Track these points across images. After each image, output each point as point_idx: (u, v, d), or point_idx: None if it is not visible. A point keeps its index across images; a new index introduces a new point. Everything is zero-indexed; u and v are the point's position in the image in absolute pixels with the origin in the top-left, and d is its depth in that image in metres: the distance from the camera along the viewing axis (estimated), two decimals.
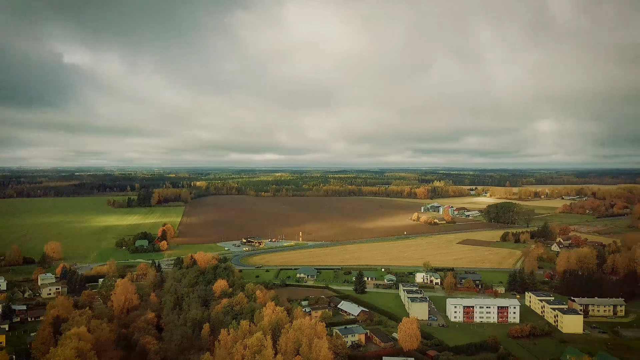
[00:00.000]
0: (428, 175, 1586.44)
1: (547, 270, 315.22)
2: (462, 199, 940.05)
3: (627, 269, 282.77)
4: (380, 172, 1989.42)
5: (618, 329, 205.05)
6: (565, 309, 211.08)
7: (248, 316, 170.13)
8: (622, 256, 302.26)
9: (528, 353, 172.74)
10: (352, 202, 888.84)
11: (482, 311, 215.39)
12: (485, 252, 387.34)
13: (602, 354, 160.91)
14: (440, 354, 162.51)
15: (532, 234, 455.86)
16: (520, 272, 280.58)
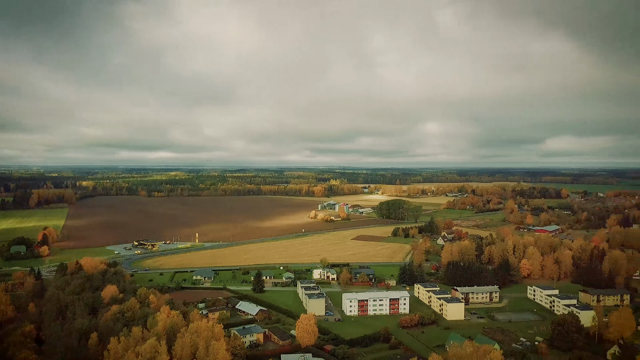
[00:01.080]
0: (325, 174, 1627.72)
1: (434, 262, 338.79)
2: (356, 197, 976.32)
3: (501, 258, 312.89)
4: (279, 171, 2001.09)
5: (493, 313, 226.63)
6: (449, 298, 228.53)
7: (141, 322, 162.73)
8: (496, 247, 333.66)
9: (417, 341, 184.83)
10: (251, 201, 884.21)
11: (376, 304, 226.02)
12: (378, 247, 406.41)
13: (479, 337, 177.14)
14: (337, 348, 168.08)
15: (420, 229, 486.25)
16: (410, 265, 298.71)
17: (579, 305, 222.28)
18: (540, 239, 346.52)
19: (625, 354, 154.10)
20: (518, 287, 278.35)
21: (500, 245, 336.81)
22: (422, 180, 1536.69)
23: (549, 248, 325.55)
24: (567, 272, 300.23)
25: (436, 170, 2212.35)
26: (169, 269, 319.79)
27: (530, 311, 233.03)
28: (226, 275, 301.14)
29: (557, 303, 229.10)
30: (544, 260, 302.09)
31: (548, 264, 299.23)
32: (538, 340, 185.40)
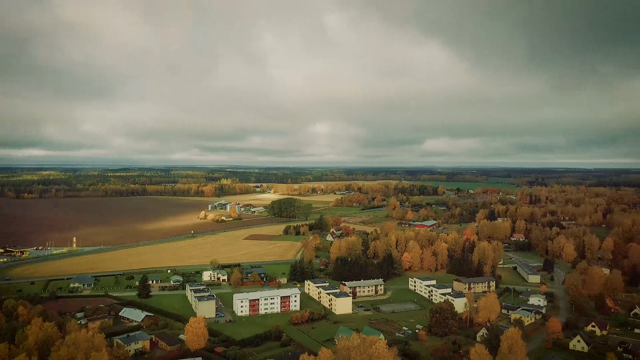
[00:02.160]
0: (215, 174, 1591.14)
1: (323, 258, 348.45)
2: (248, 196, 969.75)
3: (385, 252, 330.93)
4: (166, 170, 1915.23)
5: (379, 305, 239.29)
6: (337, 293, 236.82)
7: (7, 337, 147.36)
8: (381, 242, 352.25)
9: (308, 337, 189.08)
10: (136, 202, 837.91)
11: (267, 303, 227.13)
12: (270, 246, 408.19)
13: (366, 328, 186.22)
14: (227, 349, 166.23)
15: (310, 227, 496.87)
16: (301, 262, 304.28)
17: (453, 293, 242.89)
18: (419, 233, 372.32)
19: (491, 335, 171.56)
20: (401, 279, 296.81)
21: (385, 240, 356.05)
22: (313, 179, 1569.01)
23: (427, 241, 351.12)
24: (444, 263, 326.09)
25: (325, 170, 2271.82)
26: (42, 277, 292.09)
27: (412, 301, 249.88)
28: (109, 281, 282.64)
29: (435, 292, 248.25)
30: (423, 253, 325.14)
31: (427, 256, 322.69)
32: (418, 328, 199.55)
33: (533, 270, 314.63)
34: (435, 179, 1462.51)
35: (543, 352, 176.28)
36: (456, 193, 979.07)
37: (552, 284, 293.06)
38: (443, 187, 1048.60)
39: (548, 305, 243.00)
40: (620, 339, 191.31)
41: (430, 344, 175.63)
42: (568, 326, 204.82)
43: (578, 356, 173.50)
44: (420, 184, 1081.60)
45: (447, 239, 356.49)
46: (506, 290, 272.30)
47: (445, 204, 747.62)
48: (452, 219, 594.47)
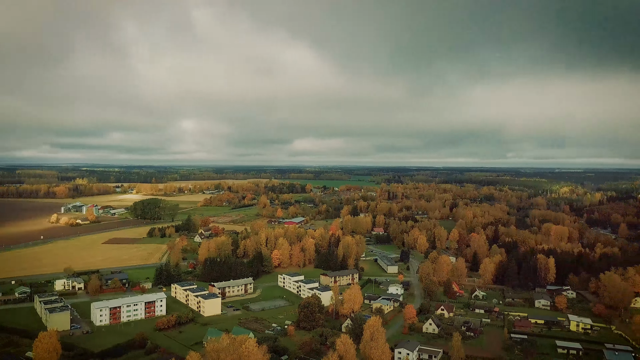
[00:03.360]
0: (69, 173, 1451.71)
1: (191, 260, 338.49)
2: (108, 197, 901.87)
3: (255, 251, 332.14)
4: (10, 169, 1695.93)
5: (248, 304, 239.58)
6: (206, 294, 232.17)
7: None
8: (251, 240, 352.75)
9: (175, 342, 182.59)
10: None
11: (130, 309, 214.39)
12: (133, 250, 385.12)
13: (236, 328, 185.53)
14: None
15: (177, 228, 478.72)
16: (167, 265, 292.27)
17: (320, 287, 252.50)
18: (289, 230, 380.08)
19: (355, 325, 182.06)
20: (270, 277, 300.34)
21: (255, 238, 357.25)
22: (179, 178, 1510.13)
23: (296, 238, 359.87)
24: (311, 258, 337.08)
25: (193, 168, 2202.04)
26: None
27: (281, 298, 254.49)
28: None
29: (303, 287, 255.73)
30: (292, 250, 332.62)
31: (295, 252, 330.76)
32: (287, 323, 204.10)
33: (391, 262, 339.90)
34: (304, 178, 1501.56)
35: (400, 336, 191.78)
36: (323, 190, 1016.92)
37: (408, 274, 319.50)
38: (311, 185, 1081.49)
39: (405, 293, 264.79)
40: (465, 319, 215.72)
41: (299, 338, 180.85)
42: (422, 311, 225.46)
43: (430, 337, 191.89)
44: (289, 182, 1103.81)
45: (314, 235, 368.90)
46: (368, 282, 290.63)
47: (312, 201, 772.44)
48: (319, 215, 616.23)
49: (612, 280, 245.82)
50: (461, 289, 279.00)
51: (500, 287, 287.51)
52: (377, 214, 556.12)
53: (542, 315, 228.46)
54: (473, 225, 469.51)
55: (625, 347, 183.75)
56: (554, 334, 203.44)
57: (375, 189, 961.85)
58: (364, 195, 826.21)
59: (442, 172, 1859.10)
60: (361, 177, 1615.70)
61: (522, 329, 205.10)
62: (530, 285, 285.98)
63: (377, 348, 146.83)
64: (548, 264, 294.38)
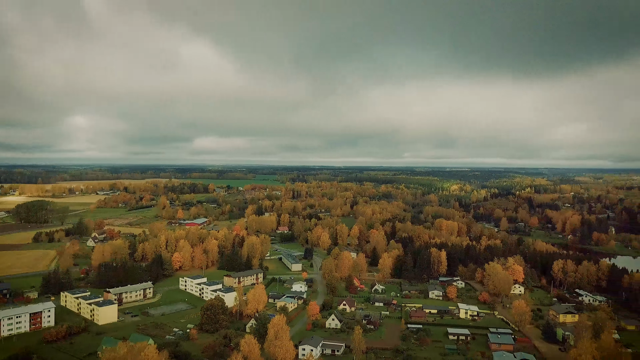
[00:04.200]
0: None
1: (84, 266, 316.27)
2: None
3: (154, 254, 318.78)
4: None
5: (147, 310, 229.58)
6: (100, 301, 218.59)
7: None
8: (149, 243, 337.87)
9: (65, 354, 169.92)
10: None
11: (12, 322, 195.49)
12: (16, 257, 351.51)
13: (134, 335, 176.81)
14: None
15: (67, 232, 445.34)
16: (55, 272, 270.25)
17: (223, 288, 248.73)
18: (190, 231, 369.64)
19: (259, 324, 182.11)
20: (171, 280, 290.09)
21: (154, 241, 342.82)
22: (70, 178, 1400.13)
23: (198, 240, 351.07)
24: (214, 259, 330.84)
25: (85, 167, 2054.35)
26: None
27: (183, 301, 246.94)
28: None
29: (206, 289, 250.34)
30: (194, 252, 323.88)
31: (197, 254, 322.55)
32: (190, 327, 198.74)
33: (296, 260, 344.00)
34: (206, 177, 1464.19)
35: (305, 333, 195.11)
36: (226, 190, 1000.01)
37: (311, 271, 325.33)
38: (214, 184, 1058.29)
39: (309, 290, 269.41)
40: (365, 312, 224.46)
41: (202, 342, 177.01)
42: (325, 307, 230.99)
43: (333, 332, 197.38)
44: (191, 182, 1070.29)
45: (217, 236, 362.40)
46: (273, 280, 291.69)
47: (216, 201, 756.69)
48: (222, 215, 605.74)
49: (495, 269, 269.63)
50: (362, 283, 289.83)
51: (398, 280, 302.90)
52: (281, 212, 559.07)
53: (435, 305, 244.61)
54: (372, 221, 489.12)
55: (506, 330, 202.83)
56: (446, 322, 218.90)
57: (280, 188, 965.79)
58: (269, 194, 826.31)
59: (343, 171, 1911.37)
60: (266, 176, 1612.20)
61: (417, 319, 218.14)
62: (425, 277, 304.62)
63: (282, 346, 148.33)
64: (440, 257, 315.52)
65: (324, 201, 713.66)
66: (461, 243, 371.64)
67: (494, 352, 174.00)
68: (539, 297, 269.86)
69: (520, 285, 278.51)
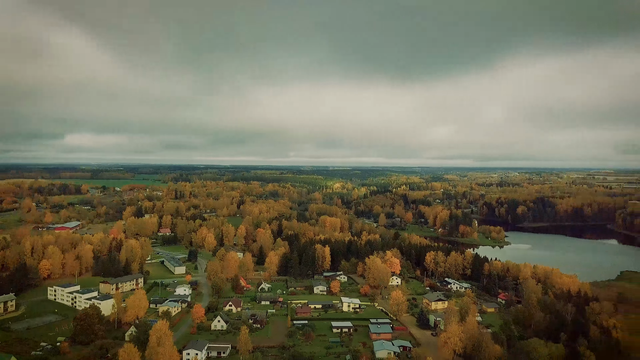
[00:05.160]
0: None
1: None
2: None
3: (18, 262, 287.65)
4: None
5: (9, 324, 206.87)
6: None
7: None
8: (12, 251, 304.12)
9: None
10: None
11: None
12: None
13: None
14: None
15: None
16: None
17: (99, 296, 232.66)
18: (60, 236, 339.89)
19: (140, 331, 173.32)
20: (39, 290, 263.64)
21: (17, 248, 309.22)
22: None
23: (70, 245, 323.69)
24: (89, 266, 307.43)
25: None
26: None
27: (52, 312, 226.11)
28: None
29: (79, 298, 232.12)
30: (65, 258, 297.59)
31: (69, 261, 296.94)
32: (60, 340, 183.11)
33: (179, 262, 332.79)
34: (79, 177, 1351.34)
35: (189, 337, 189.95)
36: (102, 191, 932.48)
37: (196, 273, 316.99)
38: (87, 185, 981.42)
39: (193, 293, 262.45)
40: (252, 312, 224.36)
41: (75, 354, 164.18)
42: (210, 309, 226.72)
43: (219, 334, 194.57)
44: (61, 183, 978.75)
45: (92, 240, 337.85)
46: (155, 285, 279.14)
47: (90, 202, 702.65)
48: (97, 218, 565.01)
49: (375, 263, 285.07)
50: (249, 283, 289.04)
51: (285, 277, 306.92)
52: (163, 214, 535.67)
53: (320, 300, 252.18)
54: (259, 220, 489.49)
55: (385, 320, 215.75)
56: (330, 316, 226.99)
57: (161, 188, 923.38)
58: (150, 195, 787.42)
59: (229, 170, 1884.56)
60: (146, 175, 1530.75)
61: (303, 314, 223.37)
62: (310, 273, 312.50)
63: (164, 353, 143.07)
64: (324, 253, 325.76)
65: (210, 201, 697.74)
66: (344, 238, 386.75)
67: (374, 341, 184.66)
68: (414, 287, 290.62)
69: (398, 277, 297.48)
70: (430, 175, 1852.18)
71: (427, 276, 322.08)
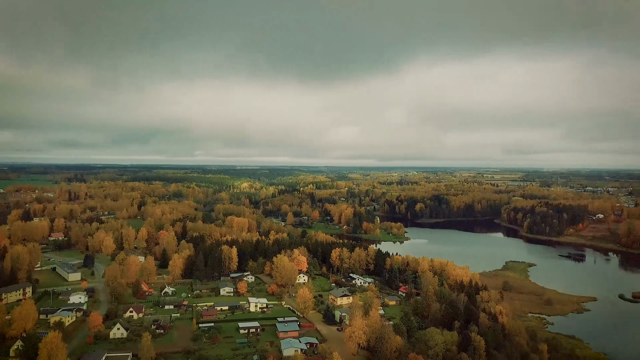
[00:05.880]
0: None
1: None
2: None
3: None
4: None
5: None
6: None
7: None
8: None
9: None
10: None
11: None
12: None
13: None
14: None
15: None
16: None
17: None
18: None
19: (27, 345, 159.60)
20: None
21: None
22: None
23: None
24: None
25: None
26: None
27: None
28: None
29: None
30: None
31: None
32: None
33: (73, 268, 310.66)
34: None
35: (85, 347, 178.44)
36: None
37: (93, 279, 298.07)
38: None
39: (89, 300, 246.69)
40: (154, 317, 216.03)
41: None
42: (109, 317, 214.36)
43: (119, 342, 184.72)
44: None
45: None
46: (45, 294, 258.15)
47: None
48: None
49: (282, 261, 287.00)
50: (151, 287, 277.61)
51: (190, 280, 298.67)
52: (55, 217, 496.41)
53: (226, 302, 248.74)
54: (162, 222, 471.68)
55: (292, 318, 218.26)
56: (237, 317, 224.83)
57: (53, 189, 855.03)
58: (39, 196, 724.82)
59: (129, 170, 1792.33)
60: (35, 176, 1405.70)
61: (209, 317, 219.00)
62: (216, 275, 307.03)
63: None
64: (231, 254, 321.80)
65: (108, 203, 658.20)
66: (251, 239, 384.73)
67: (282, 340, 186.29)
68: (321, 284, 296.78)
69: (305, 275, 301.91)
70: (335, 174, 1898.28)
71: (333, 273, 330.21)
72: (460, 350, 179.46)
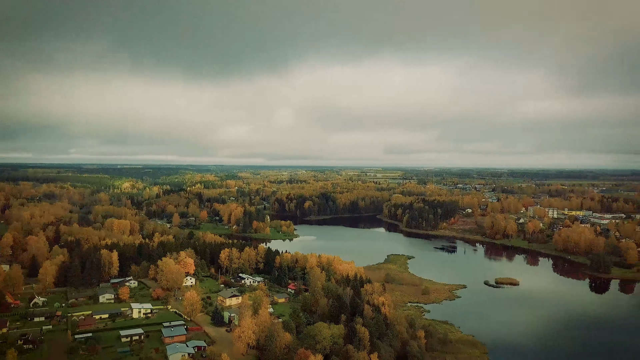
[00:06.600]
0: None
1: None
2: None
3: None
4: None
5: None
6: None
7: None
8: None
9: None
10: None
11: None
12: None
13: None
14: None
15: None
16: None
17: None
18: None
19: None
20: None
21: None
22: None
23: None
24: None
25: None
26: None
27: None
28: None
29: None
30: None
31: None
32: None
33: None
34: None
35: None
36: None
37: None
38: None
39: None
40: (22, 331, 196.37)
41: None
42: None
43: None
44: None
45: None
46: None
47: None
48: None
49: (168, 264, 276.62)
50: (17, 299, 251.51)
51: (64, 288, 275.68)
52: None
53: (106, 309, 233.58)
54: (31, 226, 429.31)
55: (179, 322, 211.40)
56: (119, 324, 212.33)
57: None
58: None
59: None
60: None
61: (86, 327, 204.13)
62: (95, 281, 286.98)
63: None
64: (112, 258, 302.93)
65: None
66: (134, 242, 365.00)
67: (168, 345, 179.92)
68: (209, 286, 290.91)
69: (192, 277, 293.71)
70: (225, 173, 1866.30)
71: (221, 273, 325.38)
72: (346, 342, 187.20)
